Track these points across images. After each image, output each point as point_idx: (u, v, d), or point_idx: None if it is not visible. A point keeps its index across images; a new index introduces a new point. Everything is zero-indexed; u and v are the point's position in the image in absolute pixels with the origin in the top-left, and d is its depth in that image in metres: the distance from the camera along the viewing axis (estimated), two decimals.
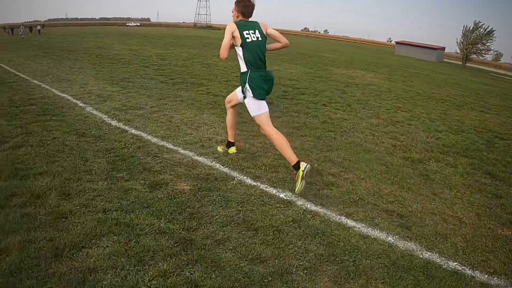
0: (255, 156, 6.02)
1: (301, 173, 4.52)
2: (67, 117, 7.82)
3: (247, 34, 4.96)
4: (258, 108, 5.05)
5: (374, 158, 6.42)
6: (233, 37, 4.95)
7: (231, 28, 4.93)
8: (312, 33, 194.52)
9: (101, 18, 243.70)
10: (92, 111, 8.34)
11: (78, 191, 4.49)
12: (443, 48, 49.73)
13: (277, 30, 5.49)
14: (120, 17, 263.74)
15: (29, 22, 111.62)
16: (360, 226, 4.16)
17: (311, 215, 4.28)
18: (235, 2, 5.14)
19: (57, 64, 15.52)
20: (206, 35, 58.81)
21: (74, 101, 9.11)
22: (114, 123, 7.64)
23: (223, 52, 4.90)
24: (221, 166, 5.52)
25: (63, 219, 3.87)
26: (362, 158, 6.34)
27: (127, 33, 50.44)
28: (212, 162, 5.66)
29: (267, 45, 5.15)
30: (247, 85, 4.96)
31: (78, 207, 4.12)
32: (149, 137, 6.78)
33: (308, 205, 4.54)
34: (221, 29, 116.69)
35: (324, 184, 5.15)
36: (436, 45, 49.78)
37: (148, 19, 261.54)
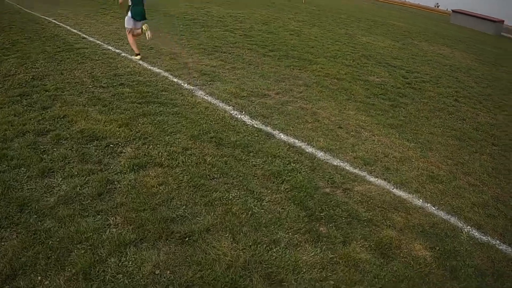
0: (460, 190, 4.78)
1: (138, 56, 7.94)
2: (181, 107, 5.61)
3: None
4: (128, 24, 7.78)
5: None
6: None
7: None
8: None
9: None
10: (206, 98, 6.12)
11: (290, 267, 2.96)
12: (502, 21, 46.18)
13: None
14: None
15: None
16: None
17: None
18: None
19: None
20: None
21: (175, 80, 6.81)
22: (247, 120, 5.58)
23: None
24: (434, 208, 4.24)
25: None
26: None
27: None
28: (419, 200, 4.35)
29: None
30: (129, 12, 7.74)
31: None
32: (311, 150, 5.01)
33: None
34: None
35: None
36: (494, 17, 46.17)
37: None
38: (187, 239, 3.04)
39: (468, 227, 4.05)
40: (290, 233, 3.35)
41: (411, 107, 7.58)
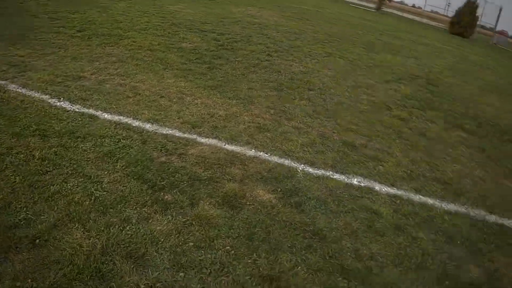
0: (287, 134, 5.56)
1: None
2: None
3: None
4: None
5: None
6: None
7: None
8: None
9: None
10: (20, 91, 5.86)
11: (147, 241, 3.17)
12: None
13: None
14: None
15: None
16: None
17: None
18: None
19: None
20: None
21: None
22: (68, 106, 5.48)
23: None
24: (267, 155, 4.83)
25: None
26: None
27: None
28: (251, 150, 4.91)
29: None
30: None
31: None
32: (137, 123, 5.21)
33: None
34: None
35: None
36: None
37: None
38: (37, 241, 2.98)
39: (302, 165, 4.66)
40: (138, 208, 3.49)
41: (227, 67, 8.16)
